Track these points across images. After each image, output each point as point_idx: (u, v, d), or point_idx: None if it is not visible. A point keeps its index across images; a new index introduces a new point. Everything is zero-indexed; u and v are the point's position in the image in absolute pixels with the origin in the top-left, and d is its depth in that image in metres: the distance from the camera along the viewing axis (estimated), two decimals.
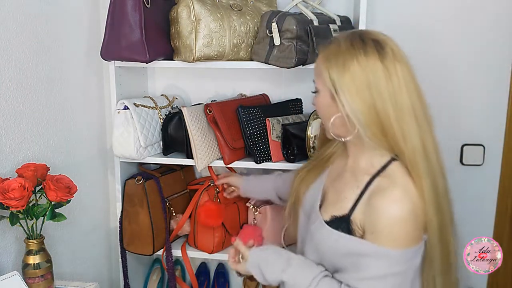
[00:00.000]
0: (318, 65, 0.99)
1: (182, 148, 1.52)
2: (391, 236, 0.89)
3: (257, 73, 1.69)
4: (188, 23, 1.37)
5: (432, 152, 0.94)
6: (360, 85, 0.91)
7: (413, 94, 0.93)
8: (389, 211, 0.89)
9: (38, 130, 1.31)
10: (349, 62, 0.92)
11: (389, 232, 0.89)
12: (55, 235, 1.38)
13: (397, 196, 0.90)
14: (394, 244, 0.89)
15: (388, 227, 0.89)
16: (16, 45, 1.20)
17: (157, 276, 1.84)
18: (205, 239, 1.60)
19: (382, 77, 0.91)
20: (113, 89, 1.52)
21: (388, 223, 0.89)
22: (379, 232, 0.90)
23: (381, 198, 0.90)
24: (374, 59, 0.91)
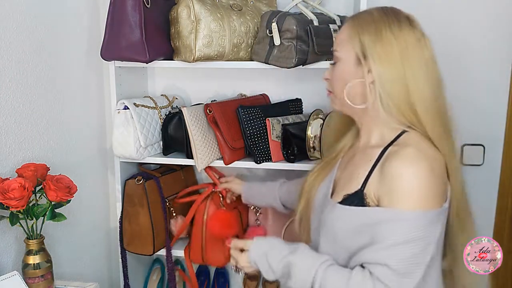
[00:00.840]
0: (344, 32, 0.97)
1: (182, 148, 1.52)
2: (408, 196, 0.84)
3: (257, 73, 1.69)
4: (188, 23, 1.37)
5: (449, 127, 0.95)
6: (392, 53, 0.90)
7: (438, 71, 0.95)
8: (403, 170, 0.85)
9: (38, 130, 1.31)
10: (382, 29, 0.92)
11: (405, 192, 0.84)
12: (55, 235, 1.38)
13: (410, 155, 0.86)
14: (412, 204, 0.84)
15: (403, 186, 0.84)
16: (16, 45, 1.20)
17: (157, 276, 1.84)
18: (216, 252, 1.54)
19: (414, 48, 0.91)
20: (113, 89, 1.52)
21: (403, 182, 0.84)
22: (395, 194, 0.85)
23: (394, 160, 0.87)
24: (408, 30, 0.92)
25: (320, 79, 1.67)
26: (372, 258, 0.86)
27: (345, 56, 0.97)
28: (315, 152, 1.47)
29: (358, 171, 0.96)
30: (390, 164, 0.88)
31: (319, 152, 1.46)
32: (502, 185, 1.68)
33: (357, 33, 0.94)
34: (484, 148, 1.66)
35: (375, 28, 0.93)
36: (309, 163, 1.47)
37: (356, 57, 0.94)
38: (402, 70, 0.90)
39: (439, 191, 0.88)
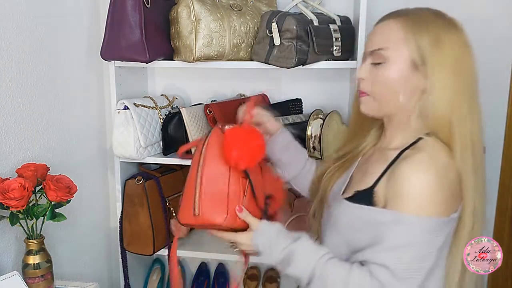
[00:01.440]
0: (398, 31, 0.90)
1: None
2: (413, 201, 0.83)
3: (257, 73, 1.69)
4: (188, 23, 1.37)
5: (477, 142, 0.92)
6: (448, 60, 0.87)
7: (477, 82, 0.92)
8: (412, 175, 0.84)
9: (38, 130, 1.31)
10: (441, 34, 0.88)
11: (411, 197, 0.83)
12: (55, 235, 1.38)
13: (421, 160, 0.85)
14: (417, 210, 0.83)
15: (411, 191, 0.84)
16: (16, 45, 1.20)
17: (157, 276, 1.84)
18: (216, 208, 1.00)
19: (466, 56, 0.90)
20: (113, 89, 1.52)
21: (411, 187, 0.84)
22: (401, 197, 0.84)
23: (405, 164, 0.86)
24: (462, 36, 0.91)
25: (320, 79, 1.68)
26: (373, 257, 0.86)
27: (397, 58, 0.90)
28: (315, 152, 1.47)
29: (372, 170, 0.95)
30: (400, 166, 0.87)
31: (319, 152, 1.45)
32: (502, 185, 1.67)
33: (414, 34, 0.89)
34: (484, 148, 1.65)
35: (434, 32, 0.88)
36: None
37: (412, 62, 0.89)
38: (453, 78, 0.88)
39: (448, 200, 0.86)
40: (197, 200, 0.98)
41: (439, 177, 0.84)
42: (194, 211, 0.98)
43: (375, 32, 0.96)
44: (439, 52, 0.88)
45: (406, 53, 0.89)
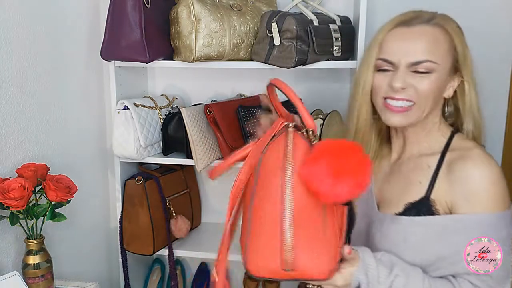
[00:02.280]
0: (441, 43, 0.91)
1: (182, 148, 1.52)
2: (489, 198, 0.83)
3: (257, 73, 1.69)
4: (188, 23, 1.37)
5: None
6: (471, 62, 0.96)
7: None
8: (479, 174, 0.84)
9: (38, 130, 1.31)
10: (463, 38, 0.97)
11: (486, 195, 0.83)
12: (55, 235, 1.38)
13: (480, 158, 0.86)
14: (494, 206, 0.83)
15: (483, 189, 0.83)
16: (16, 45, 1.20)
17: (157, 276, 1.84)
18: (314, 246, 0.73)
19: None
20: (113, 89, 1.52)
21: (482, 185, 0.83)
22: (475, 198, 0.83)
23: (465, 164, 0.86)
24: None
25: (320, 79, 1.68)
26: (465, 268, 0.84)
27: (443, 67, 0.91)
28: None
29: (416, 180, 0.92)
30: (461, 169, 0.87)
31: None
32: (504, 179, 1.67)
33: (458, 42, 0.94)
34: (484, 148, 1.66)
35: (461, 37, 0.96)
36: None
37: (452, 66, 0.94)
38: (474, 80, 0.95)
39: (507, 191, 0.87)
40: (287, 247, 0.68)
41: (499, 170, 0.86)
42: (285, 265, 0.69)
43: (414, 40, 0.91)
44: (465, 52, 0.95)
45: (450, 61, 0.93)
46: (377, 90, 0.94)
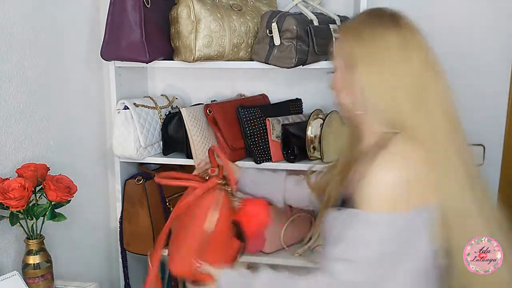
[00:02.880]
0: (337, 41, 0.99)
1: (182, 148, 1.52)
2: (375, 199, 0.85)
3: (257, 73, 1.69)
4: (188, 23, 1.37)
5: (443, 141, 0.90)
6: (373, 55, 0.89)
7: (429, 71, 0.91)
8: (376, 176, 0.86)
9: (38, 130, 1.31)
10: (363, 31, 0.91)
11: (373, 195, 0.86)
12: (55, 235, 1.38)
13: (386, 161, 0.87)
14: (372, 206, 0.85)
15: (373, 190, 0.86)
16: (16, 45, 1.20)
17: None
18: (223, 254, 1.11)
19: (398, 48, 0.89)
20: (113, 89, 1.52)
21: (373, 187, 0.86)
22: (365, 197, 0.87)
23: (371, 166, 0.87)
24: (391, 30, 0.90)
25: (320, 79, 1.68)
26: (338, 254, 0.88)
27: (338, 65, 0.98)
28: (315, 152, 1.47)
29: (354, 176, 0.95)
30: (366, 169, 0.88)
31: (319, 152, 1.45)
32: (502, 185, 1.68)
33: (343, 40, 0.95)
34: (484, 148, 1.66)
35: (357, 32, 0.92)
36: (309, 163, 1.47)
37: (345, 64, 0.95)
38: (386, 72, 0.89)
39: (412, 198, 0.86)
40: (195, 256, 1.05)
41: (399, 173, 0.85)
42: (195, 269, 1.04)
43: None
44: (362, 50, 0.90)
45: (340, 59, 0.97)
46: None
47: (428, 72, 0.91)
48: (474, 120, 1.64)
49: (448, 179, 0.88)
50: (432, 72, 0.92)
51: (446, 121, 0.92)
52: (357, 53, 0.91)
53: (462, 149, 0.94)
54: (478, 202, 0.90)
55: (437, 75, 0.93)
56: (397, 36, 0.90)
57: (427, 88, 0.90)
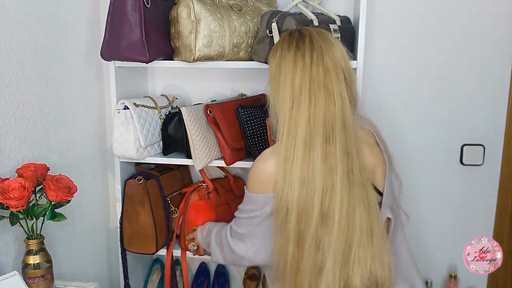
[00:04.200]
0: None
1: (182, 148, 1.52)
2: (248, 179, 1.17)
3: (257, 73, 1.69)
4: (188, 23, 1.37)
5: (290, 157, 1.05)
6: (274, 70, 1.09)
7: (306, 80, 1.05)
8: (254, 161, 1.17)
9: (38, 130, 1.31)
10: (273, 50, 1.11)
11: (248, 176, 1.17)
12: (55, 235, 1.38)
13: (259, 157, 1.15)
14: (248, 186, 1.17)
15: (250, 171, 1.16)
16: (16, 45, 1.20)
17: (157, 276, 1.84)
18: None
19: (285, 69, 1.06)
20: (113, 89, 1.52)
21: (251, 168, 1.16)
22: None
23: None
24: (289, 46, 1.07)
25: None
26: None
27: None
28: None
29: None
30: None
31: None
32: (502, 185, 1.68)
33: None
34: (484, 148, 1.66)
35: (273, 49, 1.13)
36: None
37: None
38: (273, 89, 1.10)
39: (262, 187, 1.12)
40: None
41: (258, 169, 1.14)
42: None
43: None
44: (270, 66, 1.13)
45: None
46: None
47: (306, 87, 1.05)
48: (474, 120, 1.65)
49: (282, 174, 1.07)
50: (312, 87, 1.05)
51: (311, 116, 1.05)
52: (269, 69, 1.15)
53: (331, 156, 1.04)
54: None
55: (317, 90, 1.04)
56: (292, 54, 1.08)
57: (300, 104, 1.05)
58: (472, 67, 1.61)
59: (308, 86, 1.03)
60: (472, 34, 1.60)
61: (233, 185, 1.70)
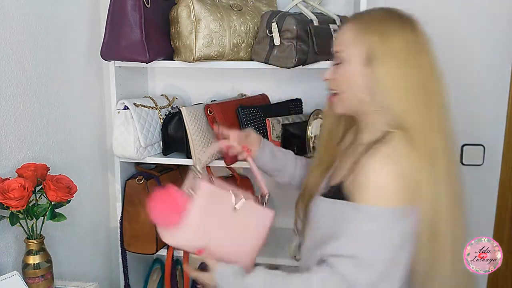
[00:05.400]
0: (349, 32, 0.97)
1: (182, 148, 1.52)
2: (369, 193, 0.88)
3: (257, 73, 1.69)
4: (188, 23, 1.37)
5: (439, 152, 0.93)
6: (395, 54, 0.91)
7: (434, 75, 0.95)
8: (370, 169, 0.89)
9: (38, 130, 1.31)
10: (389, 29, 0.93)
11: (367, 189, 0.88)
12: (55, 235, 1.38)
13: (382, 155, 0.89)
14: (372, 200, 0.88)
15: (367, 184, 0.88)
16: (16, 45, 1.20)
17: (157, 276, 1.84)
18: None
19: (416, 51, 0.93)
20: (113, 89, 1.52)
21: (368, 180, 0.88)
22: (359, 190, 0.90)
23: (367, 158, 0.91)
24: (410, 32, 0.94)
25: (320, 79, 1.68)
26: (332, 250, 0.89)
27: (350, 58, 0.96)
28: (315, 152, 1.47)
29: (344, 165, 1.00)
30: (362, 161, 0.91)
31: None
32: (502, 185, 1.68)
33: (363, 33, 0.94)
34: (484, 148, 1.66)
35: (381, 28, 0.93)
36: None
37: (363, 58, 0.94)
38: (401, 73, 0.92)
39: (403, 195, 0.88)
40: None
41: (395, 172, 0.88)
42: None
43: (336, 36, 1.04)
44: (386, 46, 0.92)
45: (357, 52, 0.95)
46: None
47: (433, 76, 0.95)
48: (474, 120, 1.64)
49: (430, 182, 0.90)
50: (436, 77, 0.95)
51: (441, 124, 0.95)
52: (379, 49, 0.92)
53: (449, 150, 0.95)
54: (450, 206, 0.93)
55: (440, 80, 0.96)
56: (413, 39, 0.94)
57: (431, 92, 0.94)
58: (472, 67, 1.61)
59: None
60: (472, 34, 1.60)
61: (240, 184, 1.67)
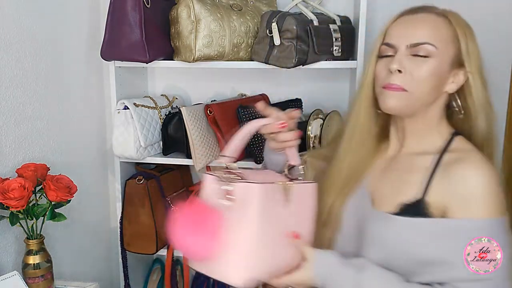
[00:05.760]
0: (444, 29, 0.89)
1: (182, 148, 1.52)
2: (486, 204, 0.81)
3: (257, 73, 1.69)
4: (188, 23, 1.37)
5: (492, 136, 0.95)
6: (480, 62, 0.91)
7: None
8: (476, 177, 0.82)
9: (38, 130, 1.31)
10: (473, 33, 0.91)
11: (482, 200, 0.81)
12: (55, 235, 1.38)
13: (479, 161, 0.84)
14: (490, 211, 0.80)
15: (480, 194, 0.81)
16: (16, 45, 1.20)
17: (157, 276, 1.84)
18: None
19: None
20: (113, 89, 1.52)
21: (479, 189, 0.81)
22: (472, 202, 0.81)
23: (463, 167, 0.84)
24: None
25: (320, 79, 1.68)
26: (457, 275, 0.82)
27: (443, 55, 0.88)
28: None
29: (412, 179, 0.90)
30: (458, 172, 0.84)
31: None
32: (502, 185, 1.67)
33: (462, 35, 0.89)
34: None
35: (471, 31, 0.91)
36: None
37: (454, 60, 0.89)
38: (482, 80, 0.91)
39: (503, 198, 0.84)
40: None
41: (496, 175, 0.84)
42: None
43: (416, 24, 0.90)
44: (476, 51, 0.90)
45: (452, 51, 0.89)
46: (377, 78, 0.92)
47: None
48: None
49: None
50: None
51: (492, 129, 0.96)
52: (473, 55, 0.90)
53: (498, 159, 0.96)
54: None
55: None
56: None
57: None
58: None
59: None
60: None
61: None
